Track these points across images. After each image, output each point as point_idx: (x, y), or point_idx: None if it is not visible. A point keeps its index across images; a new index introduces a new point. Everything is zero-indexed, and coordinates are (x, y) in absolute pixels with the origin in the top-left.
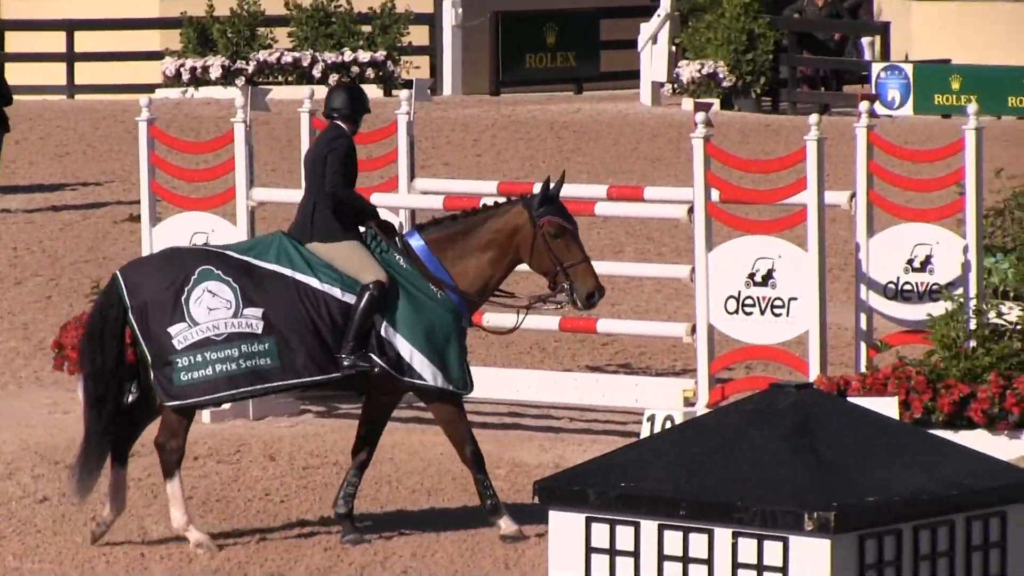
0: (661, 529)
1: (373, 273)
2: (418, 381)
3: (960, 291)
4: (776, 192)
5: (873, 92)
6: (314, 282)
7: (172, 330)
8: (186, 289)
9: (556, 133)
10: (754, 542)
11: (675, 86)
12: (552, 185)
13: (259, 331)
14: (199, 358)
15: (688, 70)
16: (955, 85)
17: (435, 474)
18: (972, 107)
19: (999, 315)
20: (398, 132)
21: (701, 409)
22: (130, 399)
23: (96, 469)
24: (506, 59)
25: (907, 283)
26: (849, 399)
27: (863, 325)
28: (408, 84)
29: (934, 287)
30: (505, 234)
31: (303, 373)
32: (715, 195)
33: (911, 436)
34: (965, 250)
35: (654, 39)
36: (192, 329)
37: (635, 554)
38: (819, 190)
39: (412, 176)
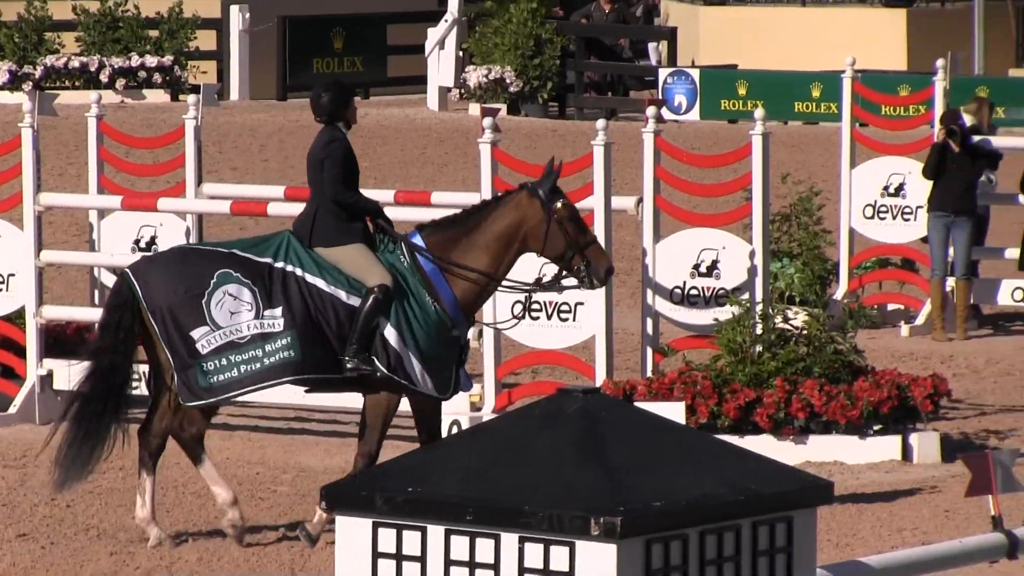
0: (448, 534)
1: (379, 276)
2: (408, 385)
3: (746, 296)
4: None
5: (660, 97)
6: (321, 283)
7: (195, 334)
8: (206, 293)
9: None
10: (541, 547)
11: (462, 91)
12: (554, 168)
13: (280, 328)
14: (223, 361)
15: (475, 75)
16: (742, 90)
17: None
18: (759, 112)
19: (785, 320)
20: (185, 137)
21: (488, 414)
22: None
23: (86, 465)
24: (293, 64)
25: (693, 288)
26: (636, 404)
27: (649, 330)
28: (196, 89)
29: (720, 292)
30: (514, 225)
31: (321, 368)
32: None
33: (697, 441)
34: (751, 255)
35: (442, 44)
36: (215, 333)
37: (422, 559)
38: (606, 195)
39: (199, 181)
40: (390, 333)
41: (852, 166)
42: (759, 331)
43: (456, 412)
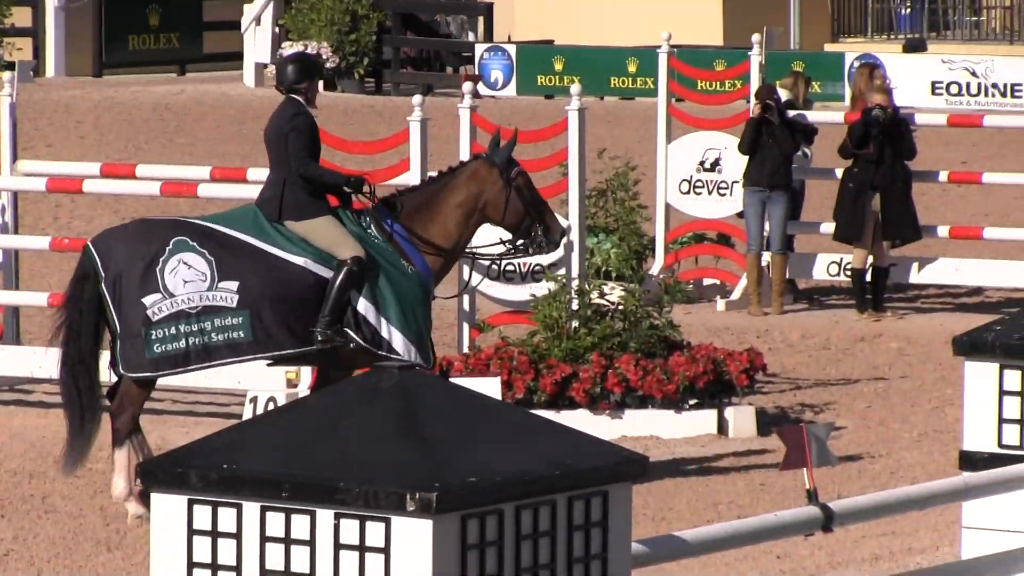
0: (263, 511)
1: (350, 249)
2: (395, 357)
3: (563, 271)
4: (380, 173)
5: (476, 73)
6: (290, 256)
7: (147, 300)
8: (160, 259)
9: (159, 115)
10: (357, 523)
11: None
12: (508, 140)
13: (233, 304)
14: (172, 330)
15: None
16: (558, 66)
17: (36, 456)
18: (575, 88)
19: (601, 295)
20: (0, 114)
21: (304, 391)
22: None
23: (87, 437)
24: (109, 41)
25: (510, 264)
26: (452, 380)
27: (466, 306)
28: (11, 66)
29: (536, 268)
30: (474, 194)
31: (279, 346)
32: None
33: (514, 416)
34: (568, 230)
35: (258, 20)
36: (167, 300)
37: (238, 536)
38: (423, 171)
39: (15, 158)
40: (364, 306)
41: (668, 141)
42: (575, 307)
43: (272, 389)
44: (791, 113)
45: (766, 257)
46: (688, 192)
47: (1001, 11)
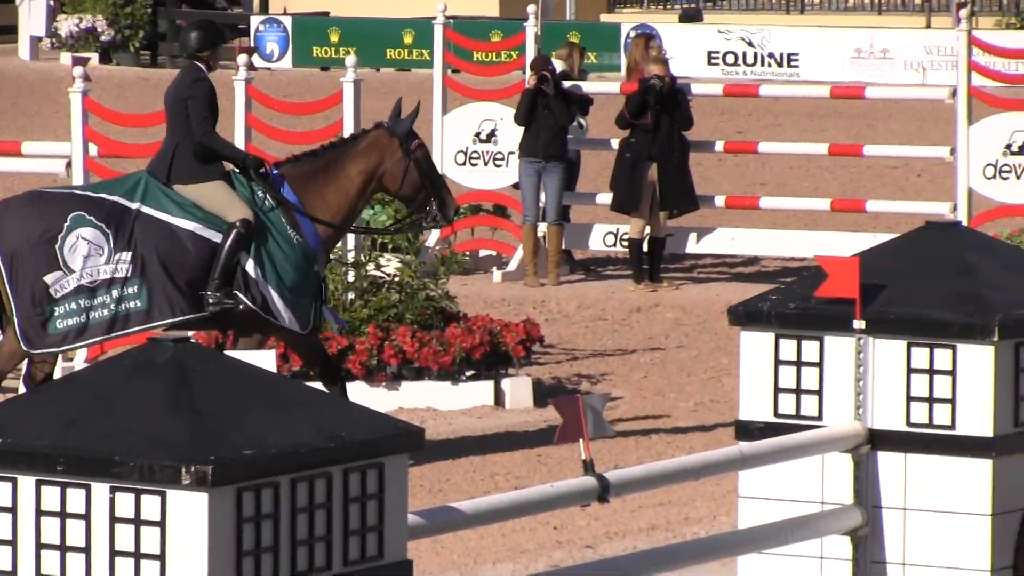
0: (38, 485)
1: (239, 211)
2: (275, 321)
3: (339, 244)
4: (155, 146)
5: (252, 45)
6: (181, 221)
7: (48, 279)
8: (59, 237)
9: None
10: (132, 497)
11: (54, 40)
12: (411, 112)
13: (129, 274)
14: (74, 306)
15: (67, 24)
16: (334, 38)
17: None
18: (350, 59)
19: (378, 267)
20: None
21: (79, 364)
22: None
23: None
24: None
25: None
26: (227, 353)
27: None
28: None
29: None
30: (373, 162)
31: (173, 313)
32: (93, 150)
33: (289, 389)
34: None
35: None
36: (68, 277)
37: (13, 510)
38: None
39: None
40: (252, 268)
41: (444, 113)
42: (351, 279)
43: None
44: (566, 84)
45: (542, 228)
46: (464, 163)
47: None
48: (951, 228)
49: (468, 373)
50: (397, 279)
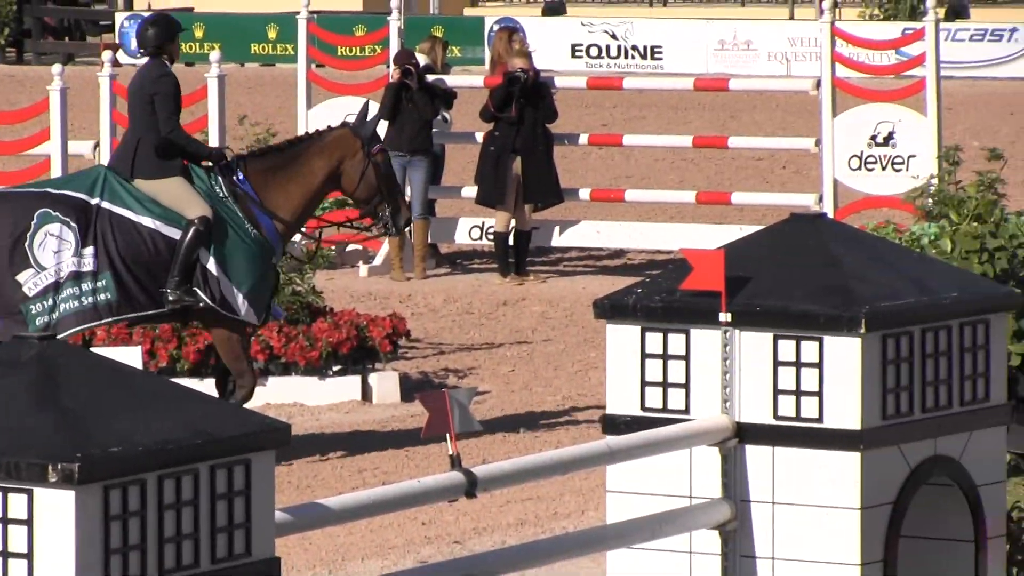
0: None
1: (198, 208)
2: (233, 316)
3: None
4: (19, 143)
5: (117, 42)
6: (141, 218)
7: (21, 278)
8: (28, 235)
9: None
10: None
11: None
12: (371, 116)
13: (93, 268)
14: (49, 302)
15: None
16: (198, 33)
17: None
18: (214, 55)
19: None
20: None
21: None
22: None
23: None
24: None
25: None
26: (93, 350)
27: None
28: None
29: None
30: (333, 161)
31: (139, 307)
32: None
33: (155, 385)
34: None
35: None
36: (41, 274)
37: None
38: (63, 140)
39: None
40: (211, 264)
41: (309, 107)
42: None
43: None
44: (430, 78)
45: None
46: None
47: None
48: (817, 220)
49: (335, 368)
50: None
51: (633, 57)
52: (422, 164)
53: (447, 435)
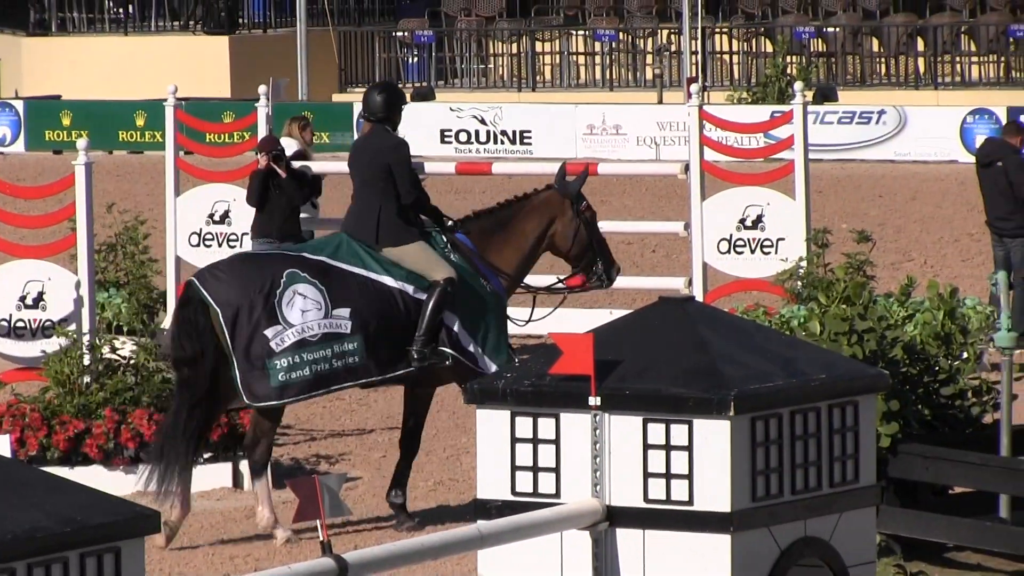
0: None
1: (444, 270)
2: (485, 371)
3: (74, 327)
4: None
5: None
6: (388, 280)
7: (268, 333)
8: (277, 292)
9: None
10: None
11: None
12: (580, 174)
13: (347, 331)
14: (296, 359)
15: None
16: (66, 121)
17: None
18: (82, 142)
19: (113, 350)
20: None
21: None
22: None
23: (179, 468)
24: None
25: (20, 320)
26: None
27: None
28: None
29: (47, 323)
30: (545, 222)
31: (383, 369)
32: None
33: (24, 473)
34: (77, 285)
35: None
36: (288, 331)
37: None
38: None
39: None
40: (456, 324)
41: (177, 194)
42: (87, 362)
43: None
44: (297, 164)
45: None
46: (199, 244)
47: (508, 58)
48: (686, 303)
49: (206, 455)
50: (133, 362)
51: (502, 142)
52: None
53: (318, 521)
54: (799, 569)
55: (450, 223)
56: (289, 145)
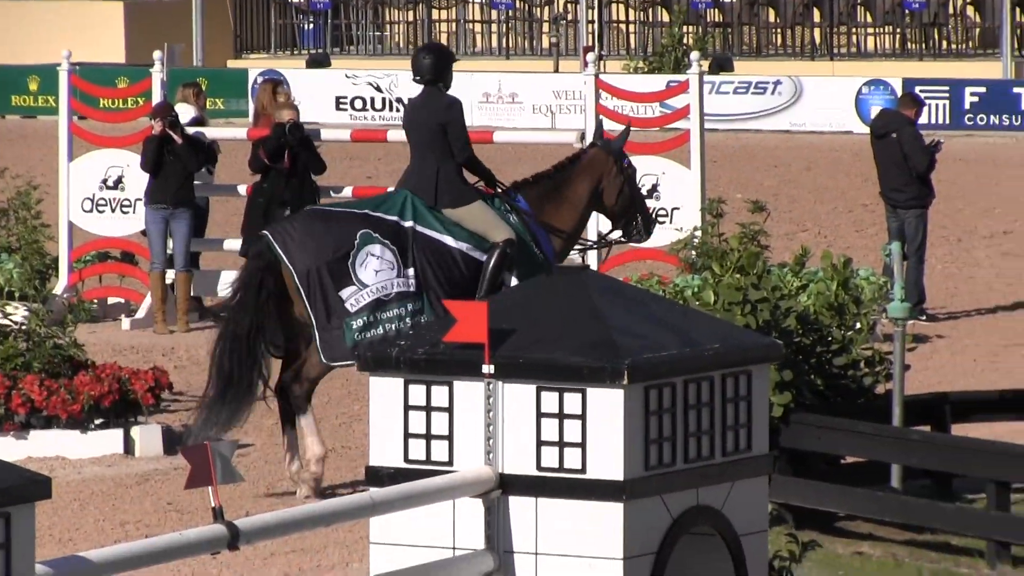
0: None
1: (504, 231)
2: None
3: None
4: None
5: None
6: (448, 239)
7: (343, 294)
8: (351, 254)
9: None
10: None
11: None
12: (622, 131)
13: (415, 289)
14: (371, 318)
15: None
16: None
17: None
18: None
19: (5, 316)
20: None
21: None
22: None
23: (224, 425)
24: None
25: None
26: None
27: None
28: None
29: None
30: (595, 180)
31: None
32: None
33: None
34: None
35: None
36: (363, 291)
37: None
38: None
39: None
40: (513, 283)
41: (70, 159)
42: None
43: None
44: (192, 130)
45: (171, 275)
46: (91, 210)
47: (404, 26)
48: (581, 272)
49: (97, 421)
50: (24, 327)
51: (398, 110)
52: (185, 216)
53: (210, 487)
54: (691, 537)
55: (501, 189)
56: (185, 111)
